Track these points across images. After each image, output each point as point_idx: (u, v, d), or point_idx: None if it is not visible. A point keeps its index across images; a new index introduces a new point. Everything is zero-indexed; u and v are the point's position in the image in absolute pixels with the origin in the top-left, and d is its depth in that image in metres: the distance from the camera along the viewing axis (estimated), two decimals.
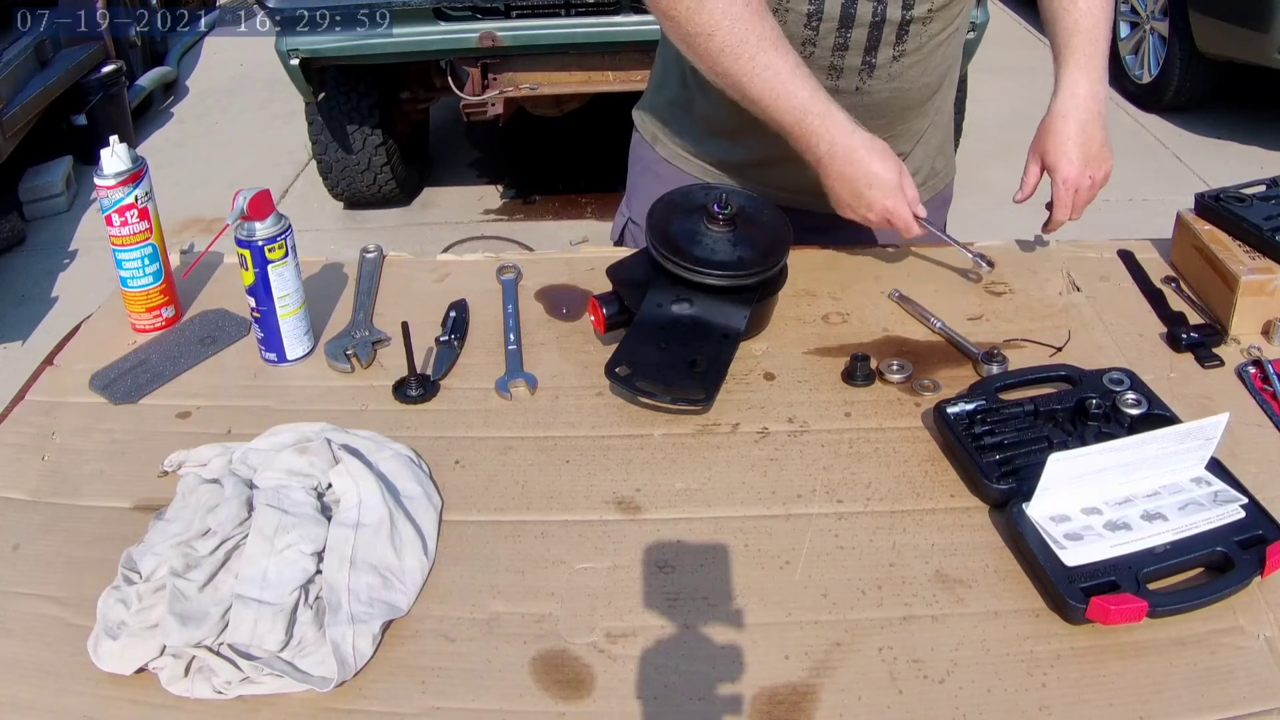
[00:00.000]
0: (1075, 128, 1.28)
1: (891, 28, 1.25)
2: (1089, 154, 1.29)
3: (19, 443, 1.10)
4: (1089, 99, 1.29)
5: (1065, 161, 1.28)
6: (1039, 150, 1.32)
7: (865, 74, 1.28)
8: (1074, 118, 1.28)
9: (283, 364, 1.21)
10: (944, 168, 1.52)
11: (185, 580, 0.86)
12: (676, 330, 1.16)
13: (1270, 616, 0.87)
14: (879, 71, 1.28)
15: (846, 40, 1.25)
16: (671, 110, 1.47)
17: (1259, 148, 4.52)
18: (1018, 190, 1.35)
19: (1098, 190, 1.32)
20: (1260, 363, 1.15)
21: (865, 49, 1.26)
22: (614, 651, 0.86)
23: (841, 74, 1.28)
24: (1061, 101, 1.30)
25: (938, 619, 0.88)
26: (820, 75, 1.26)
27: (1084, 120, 1.29)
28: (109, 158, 1.19)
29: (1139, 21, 4.98)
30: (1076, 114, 1.28)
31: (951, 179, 1.56)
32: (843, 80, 1.29)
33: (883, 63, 1.28)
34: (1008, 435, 1.03)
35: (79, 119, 4.62)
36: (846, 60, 1.27)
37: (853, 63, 1.27)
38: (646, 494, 1.01)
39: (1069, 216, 1.31)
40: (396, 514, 0.94)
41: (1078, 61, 1.29)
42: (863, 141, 1.20)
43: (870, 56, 1.27)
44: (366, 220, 4.26)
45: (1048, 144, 1.30)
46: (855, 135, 1.20)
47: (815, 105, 1.19)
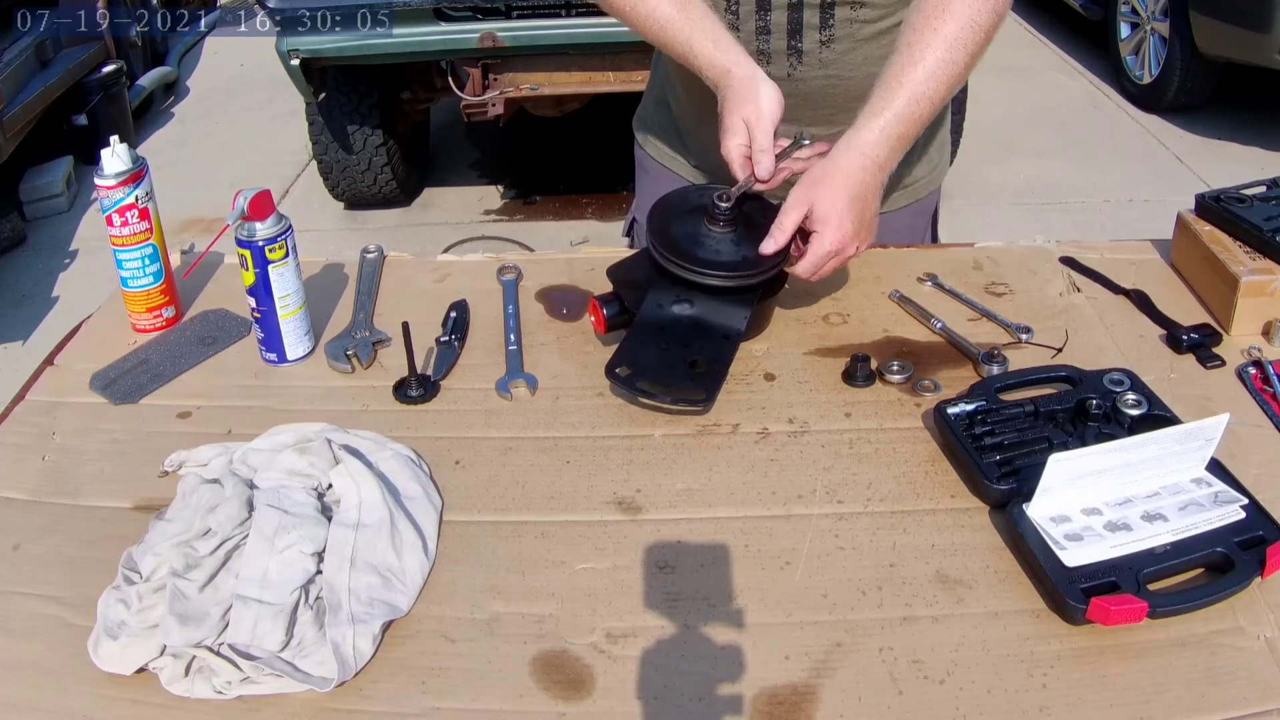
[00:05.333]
0: (854, 190, 1.14)
1: (813, 11, 1.23)
2: (863, 221, 1.15)
3: (19, 443, 1.10)
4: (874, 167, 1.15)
5: (836, 224, 1.13)
6: (807, 200, 1.14)
7: (794, 60, 1.27)
8: (856, 179, 1.14)
9: (283, 364, 1.21)
10: (926, 175, 1.46)
11: (185, 580, 0.86)
12: (677, 331, 1.16)
13: (1270, 617, 0.87)
14: (808, 58, 1.27)
15: (767, 23, 1.25)
16: (658, 109, 1.49)
17: (1259, 148, 4.52)
18: (769, 240, 1.15)
19: (847, 261, 1.18)
20: (1260, 363, 1.15)
21: (788, 33, 1.25)
22: (614, 652, 0.86)
23: (770, 59, 1.28)
24: (849, 156, 1.15)
25: (938, 619, 0.88)
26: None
27: (866, 187, 1.14)
28: (109, 158, 1.19)
29: (1139, 22, 4.98)
30: (861, 176, 1.14)
31: (936, 188, 1.51)
32: (773, 66, 1.28)
33: (810, 48, 1.26)
34: (1008, 436, 1.03)
35: (79, 119, 4.63)
36: (772, 44, 1.26)
37: (778, 47, 1.27)
38: (647, 494, 1.01)
39: (812, 279, 1.17)
40: (397, 514, 0.94)
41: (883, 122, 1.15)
42: (737, 76, 1.18)
43: (795, 41, 1.25)
44: (367, 220, 4.26)
45: (819, 195, 1.14)
46: (729, 73, 1.18)
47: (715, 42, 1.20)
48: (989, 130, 4.62)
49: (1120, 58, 5.12)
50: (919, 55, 1.14)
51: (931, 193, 1.50)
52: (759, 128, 1.17)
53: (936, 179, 1.50)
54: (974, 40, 1.16)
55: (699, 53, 1.21)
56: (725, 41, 1.21)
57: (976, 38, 1.16)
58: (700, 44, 1.21)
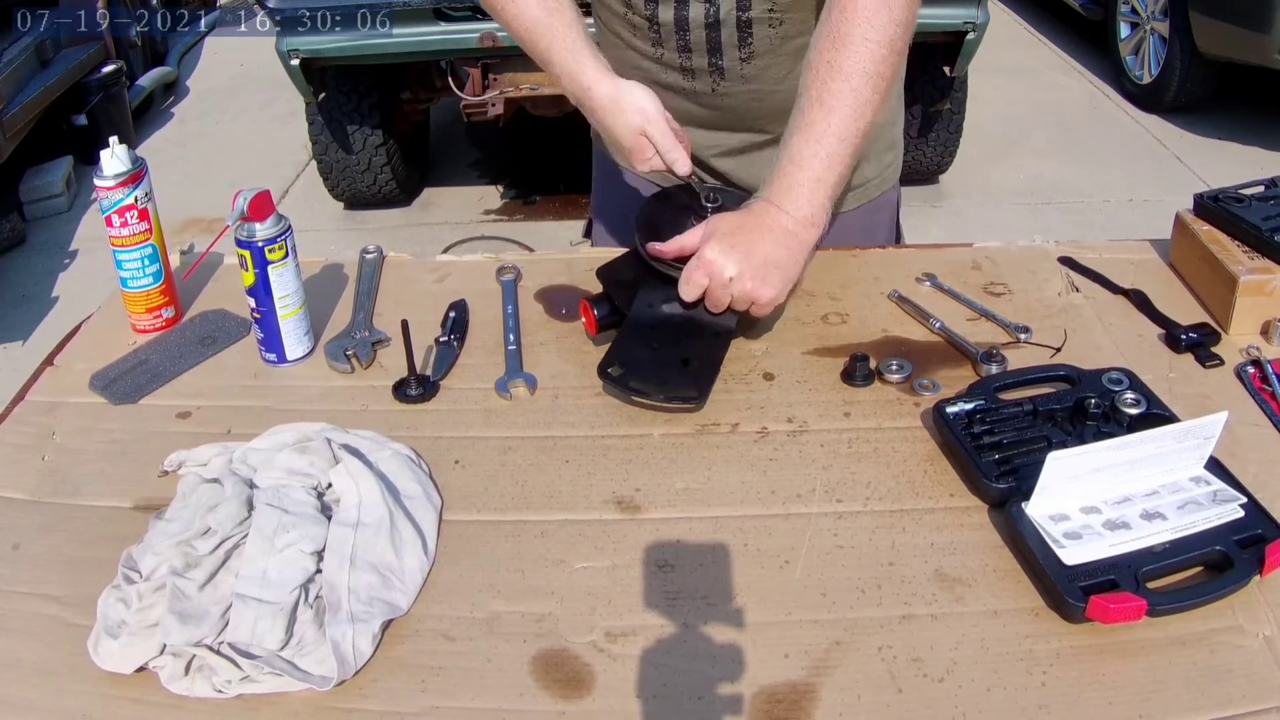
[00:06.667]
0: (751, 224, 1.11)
1: (731, 30, 1.24)
2: (751, 260, 1.09)
3: (19, 443, 1.10)
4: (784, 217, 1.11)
5: (717, 249, 1.09)
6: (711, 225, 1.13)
7: (716, 76, 1.28)
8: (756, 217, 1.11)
9: (283, 364, 1.21)
10: (877, 175, 1.43)
11: (185, 579, 0.86)
12: (668, 330, 1.16)
13: (1269, 615, 0.87)
14: (730, 74, 1.27)
15: (688, 42, 1.25)
16: None
17: (1259, 148, 4.53)
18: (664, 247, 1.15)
19: (743, 306, 1.12)
20: (1259, 363, 1.15)
21: (708, 51, 1.25)
22: (614, 651, 0.86)
23: (695, 76, 1.29)
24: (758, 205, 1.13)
25: (937, 618, 0.88)
26: (675, 76, 1.28)
27: (768, 230, 1.11)
28: (109, 158, 1.19)
29: (1139, 22, 4.98)
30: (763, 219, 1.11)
31: (891, 186, 1.48)
32: (698, 82, 1.29)
33: (731, 65, 1.26)
34: (1007, 435, 1.03)
35: (79, 119, 4.63)
36: (694, 62, 1.27)
37: (700, 64, 1.27)
38: (646, 493, 1.01)
39: (690, 299, 1.12)
40: (396, 513, 0.94)
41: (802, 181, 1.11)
42: (601, 95, 1.22)
43: (716, 59, 1.26)
44: (366, 220, 4.26)
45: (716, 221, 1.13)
46: (590, 93, 1.22)
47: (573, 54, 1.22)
48: (989, 130, 4.62)
49: (1120, 57, 5.12)
50: (831, 104, 1.10)
51: (885, 192, 1.48)
52: (656, 133, 1.20)
53: (890, 178, 1.47)
54: (886, 64, 1.11)
55: (557, 62, 1.24)
56: (585, 54, 1.22)
57: (889, 60, 1.11)
58: (559, 55, 1.23)
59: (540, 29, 1.24)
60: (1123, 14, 5.11)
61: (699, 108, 1.33)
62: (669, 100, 1.27)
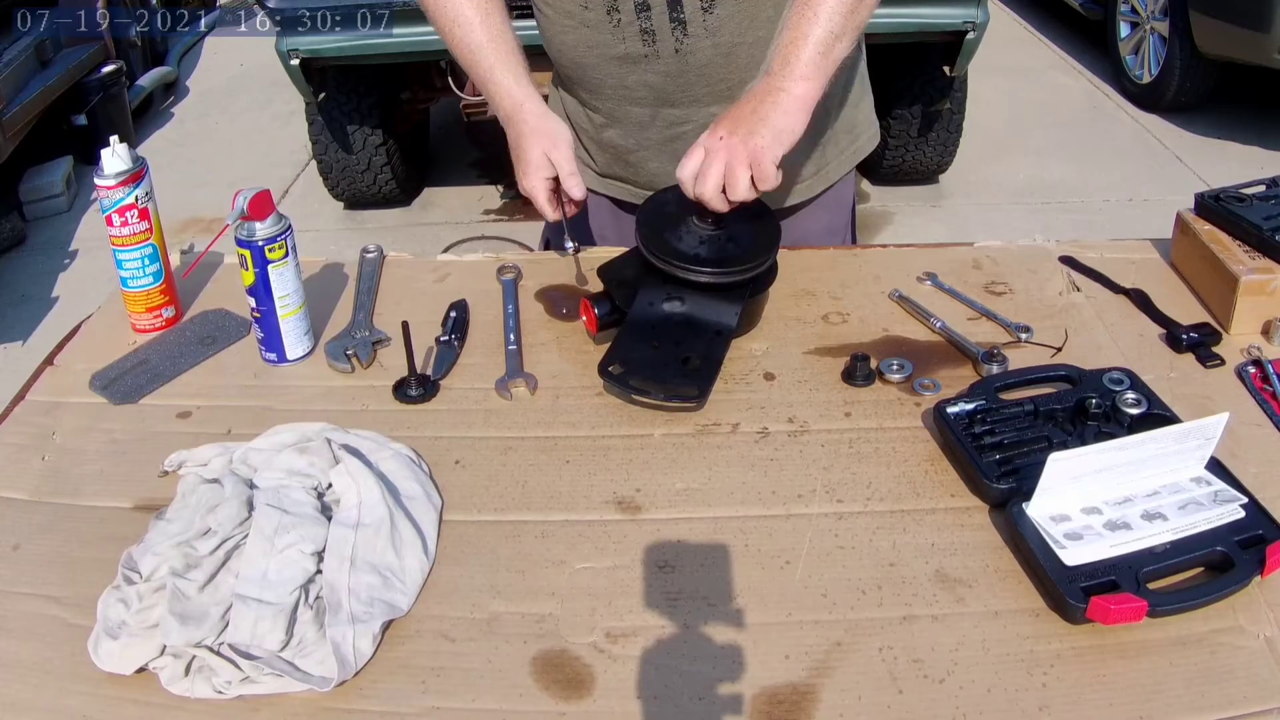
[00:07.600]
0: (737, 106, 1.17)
1: None
2: (739, 118, 1.15)
3: (19, 443, 1.10)
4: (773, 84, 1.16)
5: (706, 131, 1.17)
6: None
7: (679, 32, 1.27)
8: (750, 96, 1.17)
9: (283, 364, 1.21)
10: (834, 159, 1.44)
11: (185, 580, 0.86)
12: (668, 328, 1.16)
13: (1270, 616, 0.87)
14: (693, 27, 1.26)
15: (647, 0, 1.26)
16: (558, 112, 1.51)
17: (1259, 148, 4.52)
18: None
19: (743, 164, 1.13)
20: (1260, 363, 1.15)
21: (669, 4, 1.25)
22: (614, 651, 0.86)
23: (656, 37, 1.28)
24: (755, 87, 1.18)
25: (938, 619, 0.88)
26: (635, 44, 1.28)
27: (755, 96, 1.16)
28: (109, 158, 1.19)
29: (1139, 22, 4.98)
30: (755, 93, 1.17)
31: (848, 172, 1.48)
32: (660, 43, 1.28)
33: (693, 16, 1.26)
34: (1007, 435, 1.03)
35: (79, 119, 4.62)
36: (654, 21, 1.27)
37: (661, 23, 1.27)
38: (647, 494, 1.01)
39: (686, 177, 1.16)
40: (397, 514, 0.94)
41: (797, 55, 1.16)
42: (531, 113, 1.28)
43: (677, 11, 1.26)
44: (366, 220, 4.26)
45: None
46: (523, 107, 1.28)
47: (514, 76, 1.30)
48: (989, 130, 4.62)
49: (1120, 57, 5.12)
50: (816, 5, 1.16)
51: (845, 177, 1.48)
52: (560, 157, 1.26)
53: (847, 163, 1.47)
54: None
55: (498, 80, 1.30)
56: (524, 78, 1.31)
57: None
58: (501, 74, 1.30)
59: (484, 51, 1.32)
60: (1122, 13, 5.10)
61: (665, 79, 1.31)
62: (634, 76, 1.31)
